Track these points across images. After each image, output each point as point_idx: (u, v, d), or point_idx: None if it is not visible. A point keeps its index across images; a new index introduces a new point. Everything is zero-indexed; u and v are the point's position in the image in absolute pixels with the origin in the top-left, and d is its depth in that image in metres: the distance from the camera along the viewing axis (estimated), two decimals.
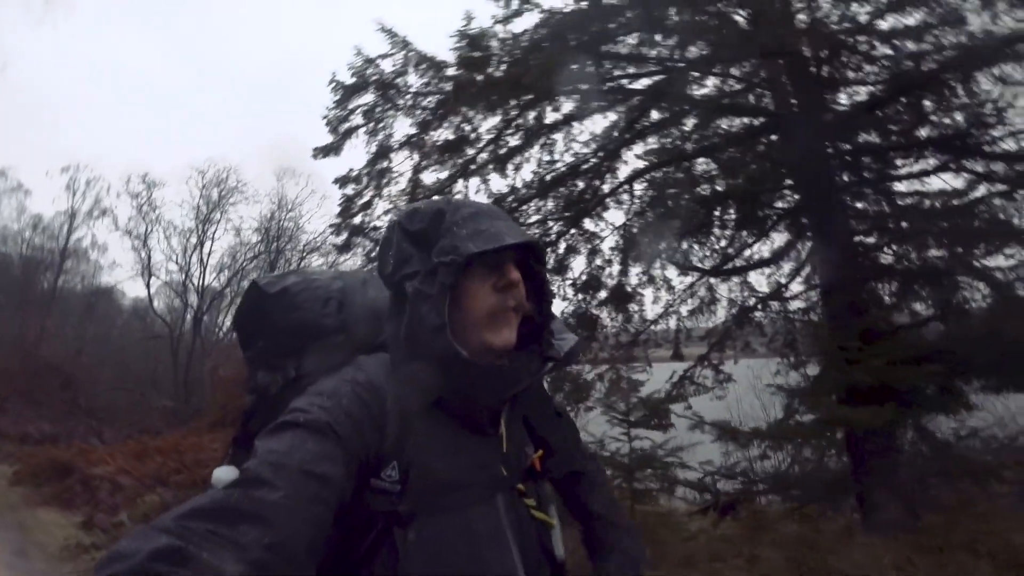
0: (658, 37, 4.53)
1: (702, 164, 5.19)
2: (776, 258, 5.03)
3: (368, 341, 0.82)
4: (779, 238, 5.18)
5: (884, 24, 4.19)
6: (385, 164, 4.82)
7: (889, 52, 4.28)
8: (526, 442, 0.85)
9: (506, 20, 4.05)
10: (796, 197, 4.76)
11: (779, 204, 4.88)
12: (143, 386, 16.58)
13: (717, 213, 4.94)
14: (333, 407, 0.67)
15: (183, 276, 18.84)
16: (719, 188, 5.02)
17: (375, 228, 5.19)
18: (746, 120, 4.83)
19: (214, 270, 18.74)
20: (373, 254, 5.49)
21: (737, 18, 4.40)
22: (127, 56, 33.28)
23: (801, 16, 4.29)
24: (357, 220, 5.07)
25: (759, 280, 5.34)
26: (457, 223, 0.75)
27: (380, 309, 0.84)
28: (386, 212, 5.18)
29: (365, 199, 4.97)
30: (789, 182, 4.74)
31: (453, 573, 0.69)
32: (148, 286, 18.76)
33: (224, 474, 0.75)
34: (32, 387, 12.10)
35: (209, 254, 18.58)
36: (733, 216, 5.04)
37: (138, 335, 19.35)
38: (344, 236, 4.92)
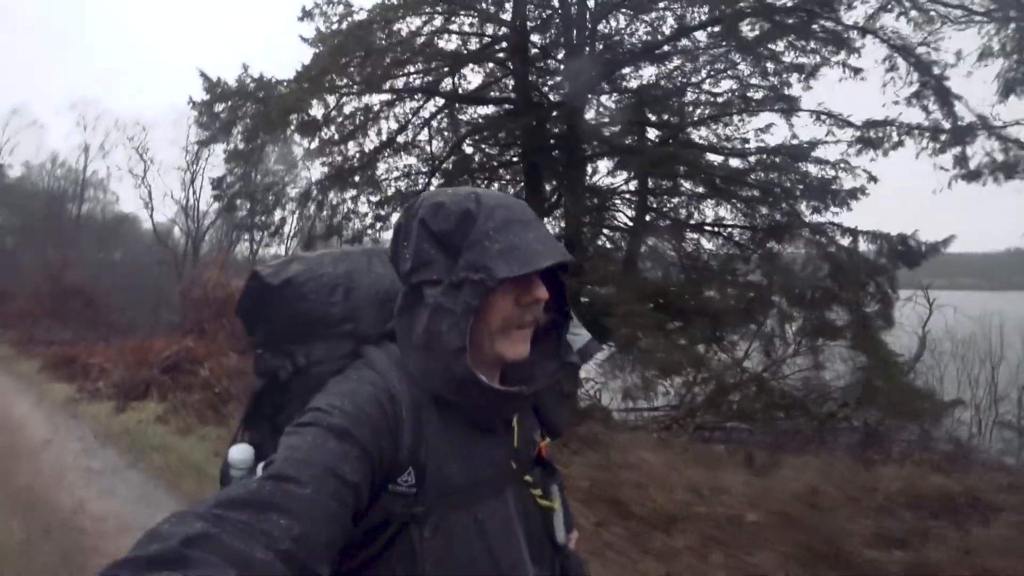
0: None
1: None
2: None
3: (375, 328, 0.85)
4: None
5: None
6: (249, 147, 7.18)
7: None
8: (534, 429, 0.90)
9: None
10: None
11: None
12: (156, 303, 20.11)
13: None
14: (353, 412, 0.71)
15: (183, 207, 22.06)
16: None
17: (255, 190, 7.71)
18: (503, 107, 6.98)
19: (210, 200, 21.77)
20: (259, 211, 8.05)
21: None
22: None
23: None
24: (236, 188, 7.56)
25: None
26: (488, 234, 0.75)
27: (387, 291, 0.86)
28: (264, 181, 7.66)
29: (239, 174, 7.41)
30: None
31: (466, 565, 0.74)
32: (152, 218, 22.02)
33: (239, 454, 0.83)
34: (59, 306, 15.40)
35: (201, 188, 21.63)
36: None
37: (151, 259, 22.85)
38: (225, 201, 7.45)
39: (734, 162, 7.10)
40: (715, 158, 7.16)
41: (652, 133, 7.39)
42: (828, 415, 7.75)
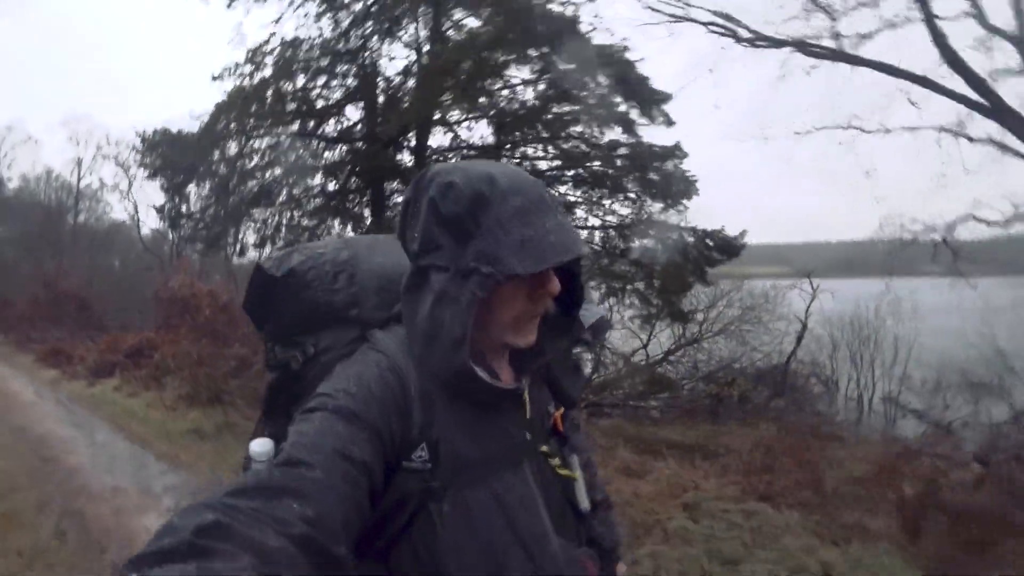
0: None
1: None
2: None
3: (381, 312, 0.88)
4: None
5: None
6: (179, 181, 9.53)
7: None
8: (548, 401, 0.92)
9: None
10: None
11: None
12: (144, 305, 22.60)
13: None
14: (359, 393, 0.74)
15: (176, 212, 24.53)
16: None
17: (191, 214, 10.05)
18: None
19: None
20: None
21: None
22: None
23: None
24: (175, 212, 9.91)
25: None
26: (502, 222, 0.75)
27: (390, 274, 0.88)
28: (200, 204, 10.00)
29: (176, 200, 9.75)
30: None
31: (488, 539, 0.76)
32: (139, 228, 24.56)
33: (259, 447, 0.84)
34: (55, 311, 17.88)
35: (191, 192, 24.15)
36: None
37: (140, 266, 25.37)
38: (168, 221, 9.78)
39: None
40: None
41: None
42: (705, 392, 10.06)
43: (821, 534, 3.86)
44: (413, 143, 8.67)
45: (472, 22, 7.86)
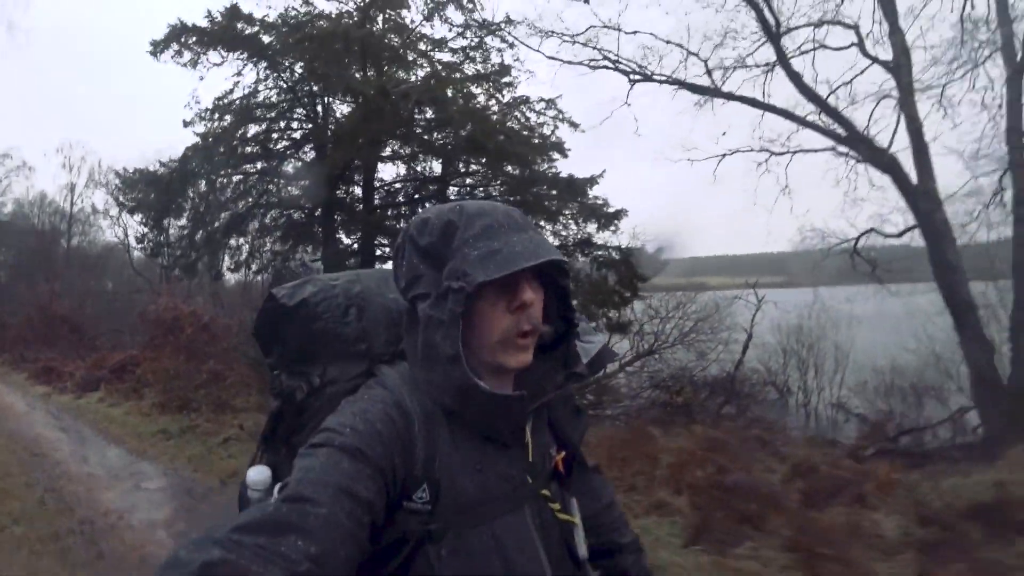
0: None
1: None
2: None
3: (388, 347, 0.90)
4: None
5: None
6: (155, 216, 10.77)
7: None
8: (550, 444, 0.93)
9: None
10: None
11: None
12: (134, 325, 23.73)
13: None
14: (365, 431, 0.75)
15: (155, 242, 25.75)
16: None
17: (169, 244, 11.26)
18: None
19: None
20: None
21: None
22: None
23: None
24: (155, 242, 11.13)
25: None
26: (468, 241, 0.79)
27: (399, 312, 0.90)
28: (177, 234, 11.23)
29: (155, 231, 10.99)
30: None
31: None
32: (129, 253, 25.75)
33: (256, 475, 0.87)
34: (47, 333, 19.04)
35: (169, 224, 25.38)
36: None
37: (131, 288, 26.53)
38: (148, 251, 11.01)
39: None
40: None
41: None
42: (656, 400, 11.20)
43: (631, 509, 4.89)
44: (360, 178, 9.92)
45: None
